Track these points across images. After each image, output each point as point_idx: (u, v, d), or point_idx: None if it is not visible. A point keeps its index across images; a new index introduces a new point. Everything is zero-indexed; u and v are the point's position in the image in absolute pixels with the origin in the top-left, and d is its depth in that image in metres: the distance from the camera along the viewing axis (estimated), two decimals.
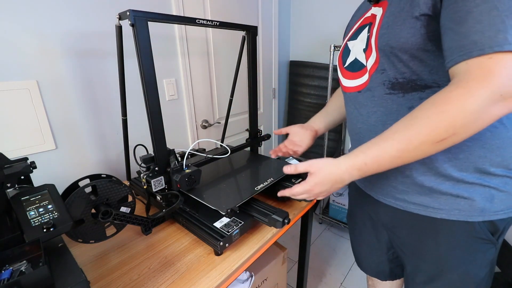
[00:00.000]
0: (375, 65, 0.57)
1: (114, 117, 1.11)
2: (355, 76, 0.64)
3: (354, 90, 0.65)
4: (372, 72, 0.58)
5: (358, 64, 0.62)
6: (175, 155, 0.81)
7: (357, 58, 0.63)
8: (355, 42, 0.64)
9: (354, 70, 0.64)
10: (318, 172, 0.58)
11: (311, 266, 1.62)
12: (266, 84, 1.92)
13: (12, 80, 0.83)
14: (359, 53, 0.62)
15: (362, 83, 0.62)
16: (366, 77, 0.60)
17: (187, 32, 1.29)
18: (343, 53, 0.69)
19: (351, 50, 0.65)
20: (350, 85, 0.66)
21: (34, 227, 0.46)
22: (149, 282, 0.62)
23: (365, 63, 0.60)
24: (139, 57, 0.67)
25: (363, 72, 0.61)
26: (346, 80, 0.67)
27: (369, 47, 0.58)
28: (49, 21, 0.88)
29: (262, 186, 0.82)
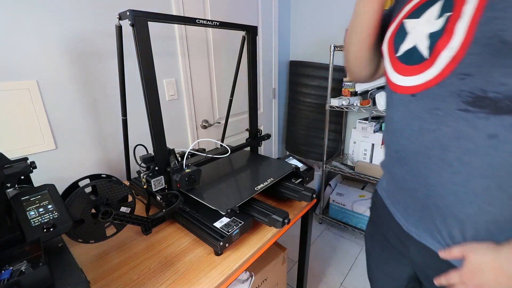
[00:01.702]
0: (453, 64, 0.40)
1: (114, 117, 1.11)
2: (411, 71, 0.46)
3: (405, 91, 0.48)
4: (444, 74, 0.41)
5: (417, 54, 0.45)
6: (175, 155, 0.81)
7: (416, 47, 0.45)
8: (417, 22, 0.45)
9: (411, 63, 0.46)
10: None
11: (311, 266, 1.62)
12: (266, 84, 1.92)
13: (12, 80, 0.83)
14: (422, 39, 0.44)
15: (420, 84, 0.44)
16: (427, 77, 0.43)
17: (187, 32, 1.29)
18: (396, 35, 0.50)
19: (408, 33, 0.47)
20: (402, 82, 0.48)
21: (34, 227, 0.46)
22: (149, 282, 0.62)
23: (427, 55, 0.43)
24: (139, 57, 0.67)
25: (423, 67, 0.44)
26: (396, 74, 0.50)
27: (447, 33, 0.40)
28: (49, 21, 0.88)
29: (262, 186, 0.82)
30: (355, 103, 1.61)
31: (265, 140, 1.19)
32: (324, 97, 1.75)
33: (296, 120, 1.97)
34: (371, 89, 1.55)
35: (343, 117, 1.97)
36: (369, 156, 1.70)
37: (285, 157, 1.09)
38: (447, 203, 0.46)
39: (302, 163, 1.06)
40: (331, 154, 1.99)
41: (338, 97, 1.68)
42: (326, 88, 1.68)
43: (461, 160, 0.42)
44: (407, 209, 0.56)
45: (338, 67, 1.75)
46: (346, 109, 1.63)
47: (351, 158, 1.82)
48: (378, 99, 1.46)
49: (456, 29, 0.39)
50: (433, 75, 0.42)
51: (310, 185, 0.90)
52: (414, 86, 0.46)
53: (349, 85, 1.65)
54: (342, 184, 2.01)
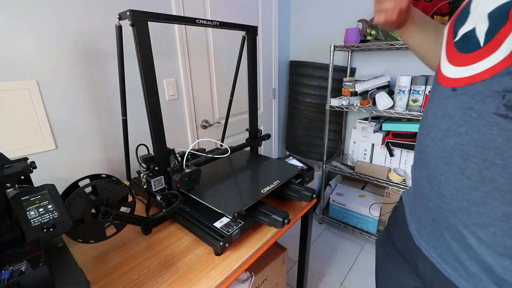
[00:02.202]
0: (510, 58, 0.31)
1: (114, 117, 1.11)
2: (462, 61, 0.38)
3: (448, 83, 0.40)
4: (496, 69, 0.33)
5: (473, 40, 0.36)
6: (175, 155, 0.81)
7: (475, 29, 0.36)
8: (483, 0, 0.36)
9: (465, 51, 0.37)
10: None
11: (311, 266, 1.62)
12: (266, 84, 1.92)
13: (12, 80, 0.83)
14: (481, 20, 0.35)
15: (466, 77, 0.37)
16: (476, 69, 0.35)
17: (187, 32, 1.29)
18: (458, 16, 0.41)
19: (470, 13, 0.37)
20: (448, 73, 0.40)
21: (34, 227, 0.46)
22: (149, 282, 0.62)
23: (482, 42, 0.34)
24: (139, 57, 0.67)
25: (476, 57, 0.35)
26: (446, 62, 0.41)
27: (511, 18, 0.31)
28: (49, 21, 0.88)
29: (269, 189, 0.81)
30: (355, 103, 1.61)
31: (265, 140, 1.19)
32: (324, 97, 1.75)
33: (296, 120, 1.97)
34: (371, 89, 1.55)
35: (343, 117, 1.98)
36: (369, 156, 1.70)
37: (285, 157, 1.09)
38: (459, 221, 0.40)
39: (302, 163, 1.06)
40: (331, 154, 1.99)
41: (338, 97, 1.68)
42: (326, 88, 1.68)
43: (481, 174, 0.35)
44: (420, 219, 0.50)
45: (338, 67, 1.75)
46: (346, 109, 1.63)
47: (351, 158, 1.82)
48: (378, 99, 1.46)
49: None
50: (483, 68, 0.34)
51: (310, 185, 0.90)
52: (459, 79, 0.38)
53: (349, 85, 1.65)
54: (342, 184, 2.01)
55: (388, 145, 1.58)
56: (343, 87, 1.68)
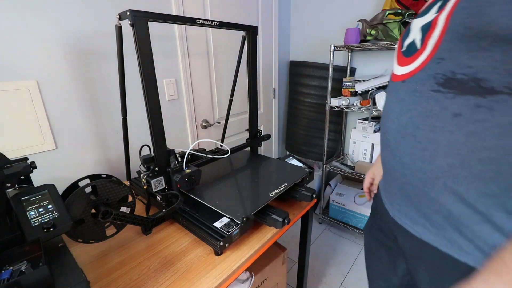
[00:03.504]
0: (433, 51, 0.44)
1: (114, 117, 1.11)
2: (407, 62, 0.51)
3: (399, 78, 0.52)
4: (427, 60, 0.45)
5: (414, 46, 0.49)
6: (175, 155, 0.81)
7: (414, 40, 0.50)
8: (419, 20, 0.50)
9: (409, 55, 0.51)
10: None
11: (311, 266, 1.62)
12: (266, 84, 1.92)
13: (12, 80, 0.83)
14: (417, 32, 0.49)
15: (409, 71, 0.49)
16: (416, 65, 0.48)
17: (187, 32, 1.29)
18: (404, 34, 0.56)
19: (411, 30, 0.52)
20: (398, 72, 0.53)
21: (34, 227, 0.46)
22: (149, 282, 0.62)
23: (418, 46, 0.48)
24: (139, 57, 0.67)
25: (415, 57, 0.48)
26: (398, 67, 0.54)
27: (433, 25, 0.44)
28: (49, 21, 0.88)
29: (277, 192, 0.80)
30: (355, 103, 1.61)
31: (265, 140, 1.19)
32: (324, 97, 1.75)
33: (296, 120, 1.97)
34: (371, 89, 1.55)
35: (343, 117, 1.98)
36: (369, 156, 1.70)
37: (285, 157, 1.09)
38: (418, 180, 0.48)
39: (302, 163, 1.06)
40: (331, 154, 1.99)
41: (338, 97, 1.68)
42: (326, 88, 1.68)
43: (428, 137, 0.45)
44: (391, 193, 0.58)
45: (338, 67, 1.75)
46: (346, 109, 1.63)
47: (351, 158, 1.82)
48: (378, 99, 1.46)
49: (438, 21, 0.43)
50: (420, 62, 0.46)
51: (310, 185, 0.90)
52: (406, 74, 0.50)
53: (349, 85, 1.65)
54: (342, 184, 2.01)
55: None
56: (343, 87, 1.68)
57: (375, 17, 1.48)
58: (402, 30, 1.38)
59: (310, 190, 0.88)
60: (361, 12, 1.67)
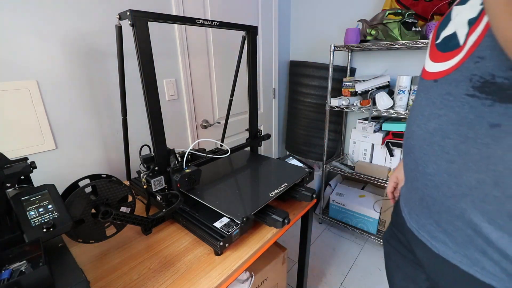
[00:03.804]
0: (473, 47, 0.38)
1: (114, 117, 1.11)
2: (443, 58, 0.44)
3: (431, 77, 0.46)
4: (465, 58, 0.39)
5: (454, 41, 0.43)
6: (175, 155, 0.81)
7: (456, 33, 0.43)
8: (462, 8, 0.43)
9: (446, 50, 0.44)
10: None
11: (311, 266, 1.62)
12: (266, 84, 1.92)
13: (12, 80, 0.83)
14: (462, 25, 0.41)
15: (444, 70, 0.43)
16: (453, 62, 0.42)
17: (187, 32, 1.29)
18: (441, 22, 0.48)
19: (452, 20, 0.45)
20: (430, 69, 0.47)
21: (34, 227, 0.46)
22: (149, 282, 0.62)
23: (461, 42, 0.41)
24: (139, 57, 0.67)
25: (454, 54, 0.42)
26: (429, 61, 0.48)
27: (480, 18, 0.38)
28: (49, 21, 0.88)
29: (277, 192, 0.80)
30: (355, 103, 1.61)
31: (265, 140, 1.19)
32: (324, 97, 1.75)
33: (296, 120, 1.97)
34: (371, 89, 1.55)
35: (343, 117, 1.98)
36: (369, 156, 1.70)
37: (285, 157, 1.09)
38: (442, 194, 0.44)
39: (302, 163, 1.06)
40: (331, 154, 1.99)
41: (338, 97, 1.68)
42: (326, 88, 1.68)
43: (458, 148, 0.40)
44: (410, 201, 0.54)
45: (338, 67, 1.75)
46: (346, 109, 1.63)
47: (351, 158, 1.82)
48: (378, 99, 1.46)
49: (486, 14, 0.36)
50: (457, 60, 0.41)
51: (310, 185, 0.90)
52: (439, 72, 0.44)
53: (349, 85, 1.65)
54: (342, 184, 2.01)
55: (388, 145, 1.58)
56: (343, 87, 1.68)
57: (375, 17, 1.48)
58: (402, 30, 1.38)
59: (310, 190, 0.88)
60: (361, 12, 1.67)
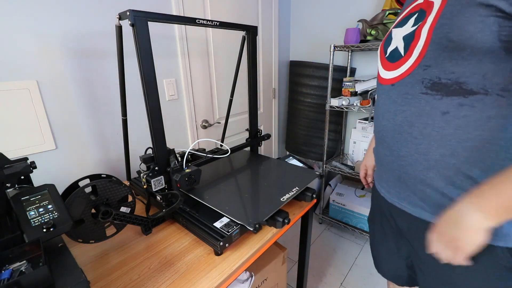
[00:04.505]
0: (419, 59, 0.51)
1: (114, 117, 1.11)
2: (393, 67, 0.59)
3: (388, 82, 0.60)
4: (413, 67, 0.53)
5: (397, 53, 0.57)
6: (175, 155, 0.81)
7: (397, 47, 0.58)
8: (399, 30, 0.59)
9: (393, 60, 0.59)
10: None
11: (311, 266, 1.62)
12: (266, 84, 1.92)
13: (12, 80, 0.83)
14: (400, 42, 0.57)
15: (397, 76, 0.57)
16: (402, 70, 0.55)
17: (187, 32, 1.29)
18: (385, 41, 0.65)
19: (393, 38, 0.60)
20: (386, 76, 0.61)
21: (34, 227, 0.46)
22: (149, 282, 0.62)
23: (403, 53, 0.55)
24: (139, 57, 0.67)
25: (401, 63, 0.56)
26: (383, 70, 0.63)
27: (417, 36, 0.52)
28: (49, 21, 0.88)
29: (289, 197, 0.78)
30: (355, 103, 1.61)
31: (265, 140, 1.19)
32: (324, 97, 1.74)
33: (296, 120, 1.97)
34: (371, 89, 1.55)
35: (343, 117, 1.97)
36: None
37: (285, 157, 1.09)
38: (415, 170, 0.56)
39: (302, 163, 1.06)
40: (331, 154, 1.99)
41: (338, 97, 1.68)
42: (326, 88, 1.68)
43: (422, 133, 0.53)
44: (388, 181, 0.66)
45: (338, 67, 1.75)
46: (346, 109, 1.63)
47: (351, 158, 1.82)
48: None
49: (422, 34, 0.51)
50: (406, 68, 0.55)
51: (310, 185, 0.90)
52: (394, 78, 0.58)
53: (349, 85, 1.65)
54: (342, 184, 2.01)
55: None
56: (343, 87, 1.68)
57: (375, 17, 1.48)
58: None
59: (310, 190, 0.88)
60: (361, 12, 1.67)
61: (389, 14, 1.40)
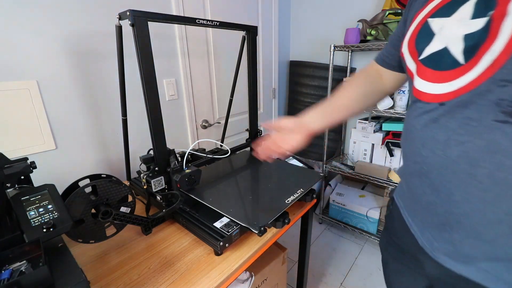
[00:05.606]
0: (492, 69, 0.35)
1: (114, 117, 1.11)
2: (441, 78, 0.41)
3: (432, 99, 0.43)
4: (481, 80, 0.36)
5: (448, 58, 0.40)
6: (175, 155, 0.81)
7: (448, 49, 0.40)
8: (446, 22, 0.40)
9: (439, 68, 0.41)
10: None
11: (311, 266, 1.62)
12: (266, 84, 1.92)
13: (12, 80, 0.83)
14: (456, 42, 0.39)
15: (451, 91, 0.40)
16: (460, 83, 0.39)
17: (187, 32, 1.29)
18: (418, 35, 0.45)
19: (436, 34, 0.42)
20: (428, 89, 0.44)
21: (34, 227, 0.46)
22: (149, 282, 0.62)
23: (462, 60, 0.38)
24: (139, 57, 0.67)
25: (457, 73, 0.39)
26: (420, 80, 0.45)
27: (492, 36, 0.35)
28: (49, 21, 0.88)
29: (293, 199, 0.78)
30: None
31: None
32: (324, 97, 1.74)
33: None
34: None
35: None
36: (369, 156, 1.70)
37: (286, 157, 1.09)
38: (473, 221, 0.42)
39: (302, 163, 1.06)
40: (331, 154, 1.99)
41: None
42: (326, 88, 1.68)
43: (493, 176, 0.38)
44: (424, 223, 0.52)
45: (338, 67, 1.75)
46: None
47: (351, 158, 1.82)
48: None
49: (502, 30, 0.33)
50: (467, 81, 0.38)
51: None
52: (444, 94, 0.41)
53: None
54: (342, 184, 2.01)
55: (388, 145, 1.58)
56: None
57: (375, 17, 1.48)
58: None
59: (310, 190, 0.88)
60: (361, 12, 1.67)
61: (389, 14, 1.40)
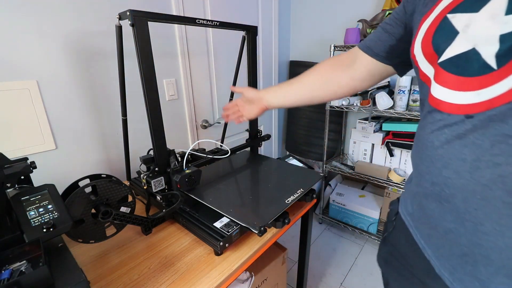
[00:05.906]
0: None
1: (114, 117, 1.11)
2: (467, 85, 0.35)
3: (456, 110, 0.37)
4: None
5: (476, 62, 0.34)
6: (175, 155, 0.81)
7: (477, 50, 0.34)
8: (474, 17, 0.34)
9: (464, 73, 0.35)
10: None
11: (311, 266, 1.62)
12: (266, 84, 1.92)
13: (12, 80, 0.83)
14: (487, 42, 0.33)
15: (482, 102, 0.34)
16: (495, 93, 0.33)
17: (187, 32, 1.29)
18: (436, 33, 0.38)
19: (460, 32, 0.35)
20: (450, 99, 0.37)
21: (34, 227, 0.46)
22: (149, 282, 0.62)
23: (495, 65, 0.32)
24: (139, 57, 0.67)
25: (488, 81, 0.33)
26: (441, 87, 0.38)
27: None
28: (49, 21, 0.88)
29: (293, 199, 0.77)
30: (355, 103, 1.61)
31: (265, 141, 1.19)
32: None
33: (296, 120, 1.97)
34: (371, 89, 1.55)
35: (343, 117, 1.97)
36: (369, 156, 1.70)
37: (285, 157, 1.09)
38: (503, 256, 0.37)
39: (302, 163, 1.06)
40: (331, 154, 1.99)
41: None
42: None
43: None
44: (441, 250, 0.46)
45: None
46: (346, 109, 1.63)
47: (351, 158, 1.82)
48: (378, 99, 1.46)
49: None
50: (502, 90, 0.32)
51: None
52: (471, 105, 0.35)
53: None
54: (342, 184, 2.01)
55: (388, 145, 1.58)
56: None
57: (375, 17, 1.48)
58: None
59: (310, 190, 0.88)
60: (361, 12, 1.67)
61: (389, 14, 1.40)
